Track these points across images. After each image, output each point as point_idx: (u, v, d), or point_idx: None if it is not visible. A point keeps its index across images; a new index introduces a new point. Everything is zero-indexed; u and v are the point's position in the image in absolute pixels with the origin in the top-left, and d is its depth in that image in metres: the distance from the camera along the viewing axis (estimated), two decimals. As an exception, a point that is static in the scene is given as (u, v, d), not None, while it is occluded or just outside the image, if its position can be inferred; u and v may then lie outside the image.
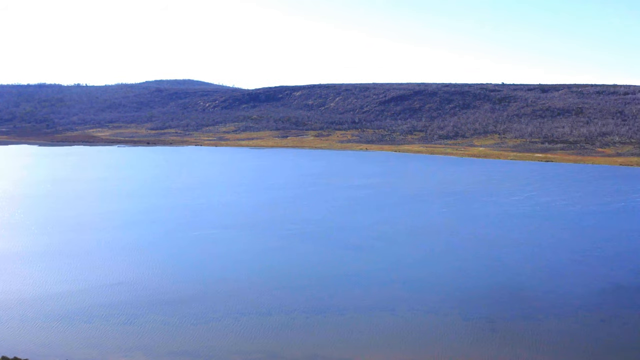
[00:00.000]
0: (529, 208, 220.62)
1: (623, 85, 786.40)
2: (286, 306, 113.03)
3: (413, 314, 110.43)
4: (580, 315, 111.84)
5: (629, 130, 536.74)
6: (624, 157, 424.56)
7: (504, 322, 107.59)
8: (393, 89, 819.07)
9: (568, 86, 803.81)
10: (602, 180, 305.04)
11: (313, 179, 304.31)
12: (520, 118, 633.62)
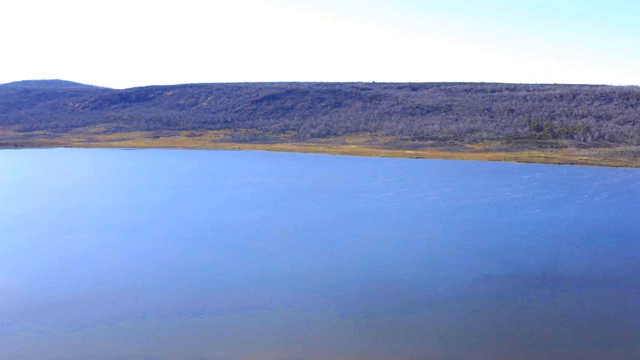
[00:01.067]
0: (401, 204, 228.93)
1: (490, 83, 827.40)
2: (162, 309, 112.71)
3: (290, 313, 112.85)
4: (454, 306, 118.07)
5: (497, 127, 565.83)
6: (492, 153, 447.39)
7: (380, 316, 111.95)
8: (265, 88, 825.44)
9: (437, 84, 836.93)
10: (471, 175, 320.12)
11: (186, 179, 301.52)
12: (390, 116, 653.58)
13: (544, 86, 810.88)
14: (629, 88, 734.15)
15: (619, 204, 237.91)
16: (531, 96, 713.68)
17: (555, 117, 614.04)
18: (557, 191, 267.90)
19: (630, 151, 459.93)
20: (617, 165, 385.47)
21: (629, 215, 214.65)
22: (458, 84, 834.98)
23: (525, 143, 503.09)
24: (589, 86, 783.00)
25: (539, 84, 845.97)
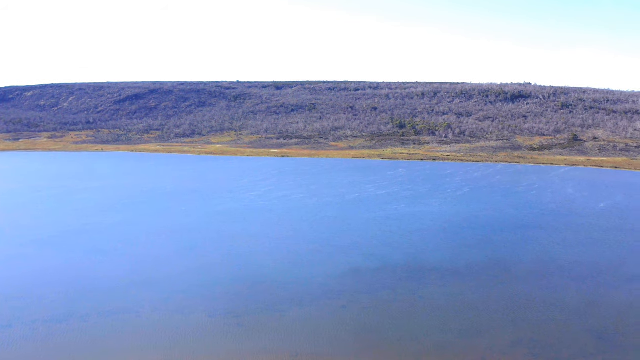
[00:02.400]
0: (268, 202, 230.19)
1: (354, 82, 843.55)
2: (25, 317, 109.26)
3: (159, 315, 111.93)
4: (322, 302, 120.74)
5: (360, 124, 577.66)
6: (356, 150, 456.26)
7: (250, 315, 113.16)
8: (128, 87, 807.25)
9: (301, 83, 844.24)
10: (336, 173, 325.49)
11: (48, 182, 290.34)
12: (255, 115, 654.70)
13: (406, 84, 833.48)
14: (488, 86, 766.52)
15: (480, 197, 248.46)
16: (394, 94, 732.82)
17: (417, 114, 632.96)
18: (421, 186, 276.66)
19: (490, 147, 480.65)
20: (478, 160, 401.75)
21: (490, 208, 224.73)
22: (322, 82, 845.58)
23: (389, 140, 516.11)
24: (450, 84, 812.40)
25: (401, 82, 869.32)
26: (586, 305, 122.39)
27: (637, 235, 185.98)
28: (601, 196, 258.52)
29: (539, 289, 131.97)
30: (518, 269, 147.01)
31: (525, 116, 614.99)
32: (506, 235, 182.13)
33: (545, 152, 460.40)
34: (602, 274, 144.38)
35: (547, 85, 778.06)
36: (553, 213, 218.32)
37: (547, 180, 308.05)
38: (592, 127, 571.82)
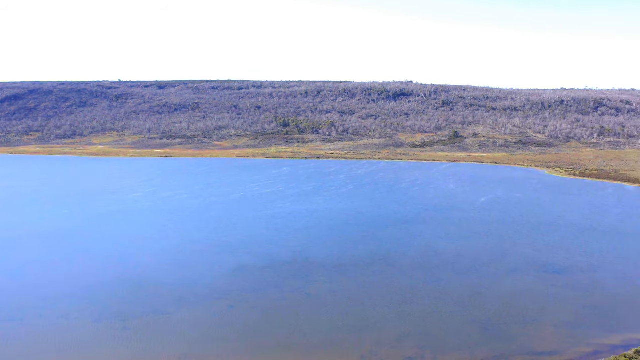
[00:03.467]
0: (152, 203, 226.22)
1: (237, 81, 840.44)
2: None
3: (43, 322, 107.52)
4: (210, 303, 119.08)
5: (244, 124, 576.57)
6: (240, 149, 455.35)
7: (136, 318, 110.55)
8: (7, 88, 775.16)
9: (184, 82, 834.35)
10: (221, 172, 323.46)
11: None
12: (138, 115, 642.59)
13: (290, 83, 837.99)
14: (371, 84, 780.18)
15: (364, 194, 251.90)
16: (277, 93, 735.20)
17: (301, 113, 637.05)
18: (305, 184, 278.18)
19: (373, 144, 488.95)
20: (361, 158, 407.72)
21: (375, 204, 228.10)
22: (205, 82, 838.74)
23: (273, 139, 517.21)
24: (333, 83, 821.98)
25: (284, 81, 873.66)
26: (470, 296, 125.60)
27: (518, 228, 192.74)
28: (482, 191, 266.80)
29: (423, 282, 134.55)
30: (403, 263, 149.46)
31: (407, 114, 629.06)
32: (391, 231, 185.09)
33: (427, 148, 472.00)
34: (484, 266, 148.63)
35: (428, 84, 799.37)
36: (436, 208, 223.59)
37: (430, 176, 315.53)
38: (472, 124, 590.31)
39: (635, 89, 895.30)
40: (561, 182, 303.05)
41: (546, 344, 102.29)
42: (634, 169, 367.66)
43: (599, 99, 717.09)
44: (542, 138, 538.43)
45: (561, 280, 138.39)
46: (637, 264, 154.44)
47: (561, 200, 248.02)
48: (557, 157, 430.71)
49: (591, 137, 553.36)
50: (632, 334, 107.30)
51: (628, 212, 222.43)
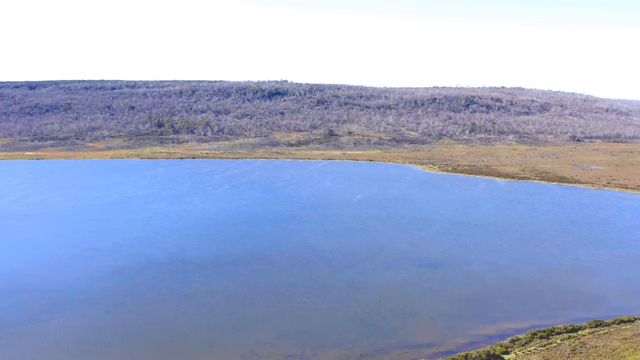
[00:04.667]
0: (25, 207, 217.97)
1: (110, 81, 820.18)
2: None
3: None
4: (86, 307, 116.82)
5: (118, 124, 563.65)
6: (114, 151, 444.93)
7: (8, 327, 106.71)
8: None
9: (56, 82, 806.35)
10: (95, 174, 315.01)
11: None
12: (8, 116, 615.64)
13: (164, 82, 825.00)
14: (246, 83, 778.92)
15: (241, 193, 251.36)
16: (151, 93, 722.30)
17: (176, 112, 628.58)
18: (182, 185, 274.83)
19: (249, 143, 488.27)
20: (237, 157, 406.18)
21: (252, 204, 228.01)
22: (77, 81, 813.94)
23: (147, 139, 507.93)
24: (208, 82, 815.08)
25: (158, 80, 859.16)
26: (348, 292, 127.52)
27: (393, 223, 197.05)
28: (358, 188, 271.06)
29: (302, 279, 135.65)
30: (281, 261, 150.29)
31: (282, 113, 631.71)
32: (268, 229, 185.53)
33: (302, 147, 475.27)
34: (362, 261, 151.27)
35: (303, 83, 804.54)
36: (313, 206, 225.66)
37: (306, 174, 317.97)
38: (347, 122, 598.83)
39: (505, 87, 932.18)
40: (434, 178, 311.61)
41: (424, 336, 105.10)
42: (505, 164, 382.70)
43: (470, 97, 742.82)
44: (415, 135, 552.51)
45: (437, 273, 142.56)
46: (509, 255, 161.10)
47: (435, 195, 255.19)
48: (430, 154, 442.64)
49: (463, 134, 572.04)
50: (506, 323, 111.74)
51: (499, 206, 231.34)
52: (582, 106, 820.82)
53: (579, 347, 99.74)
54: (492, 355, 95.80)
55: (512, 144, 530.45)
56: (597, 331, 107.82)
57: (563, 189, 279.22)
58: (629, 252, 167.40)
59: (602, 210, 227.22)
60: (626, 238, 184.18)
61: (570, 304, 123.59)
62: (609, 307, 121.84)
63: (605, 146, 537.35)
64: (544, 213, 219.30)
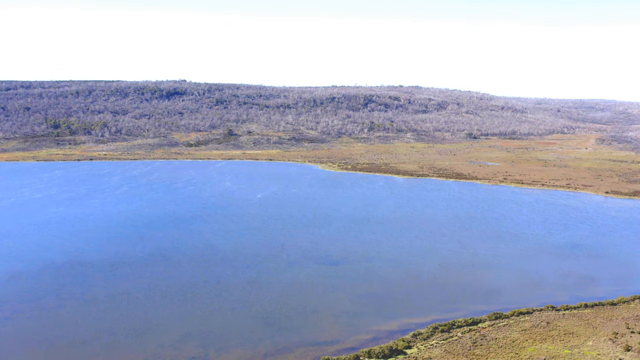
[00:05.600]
0: None
1: (5, 81, 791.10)
2: None
3: None
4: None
5: (12, 126, 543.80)
6: (9, 153, 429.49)
7: None
8: None
9: None
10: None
11: None
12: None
13: (60, 83, 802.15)
14: (144, 83, 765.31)
15: (141, 195, 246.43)
16: (47, 93, 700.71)
17: (72, 113, 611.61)
18: (80, 187, 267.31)
19: (148, 144, 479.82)
20: (136, 158, 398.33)
21: (151, 205, 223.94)
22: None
23: (43, 141, 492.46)
24: (105, 82, 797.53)
25: (54, 80, 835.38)
26: (251, 292, 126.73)
27: (295, 222, 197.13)
28: (258, 187, 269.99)
29: (204, 280, 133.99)
30: (182, 262, 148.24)
31: (181, 113, 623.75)
32: (169, 230, 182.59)
33: (202, 147, 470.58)
34: (264, 260, 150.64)
35: (201, 82, 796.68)
36: (213, 206, 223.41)
37: (206, 175, 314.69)
38: (246, 121, 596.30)
39: (402, 86, 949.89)
40: (334, 176, 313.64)
41: (327, 333, 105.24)
42: (403, 161, 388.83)
43: (369, 96, 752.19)
44: (315, 134, 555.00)
45: (339, 271, 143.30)
46: (409, 251, 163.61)
47: (335, 193, 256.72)
48: (330, 153, 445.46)
49: (362, 132, 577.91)
50: (408, 318, 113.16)
51: (399, 203, 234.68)
52: (478, 104, 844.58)
53: (480, 340, 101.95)
54: (394, 350, 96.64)
55: (411, 142, 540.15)
56: (497, 323, 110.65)
57: (461, 185, 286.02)
58: (526, 245, 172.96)
59: (499, 205, 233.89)
60: (523, 232, 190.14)
61: (470, 298, 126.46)
62: (507, 299, 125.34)
63: (501, 143, 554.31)
64: (442, 209, 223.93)
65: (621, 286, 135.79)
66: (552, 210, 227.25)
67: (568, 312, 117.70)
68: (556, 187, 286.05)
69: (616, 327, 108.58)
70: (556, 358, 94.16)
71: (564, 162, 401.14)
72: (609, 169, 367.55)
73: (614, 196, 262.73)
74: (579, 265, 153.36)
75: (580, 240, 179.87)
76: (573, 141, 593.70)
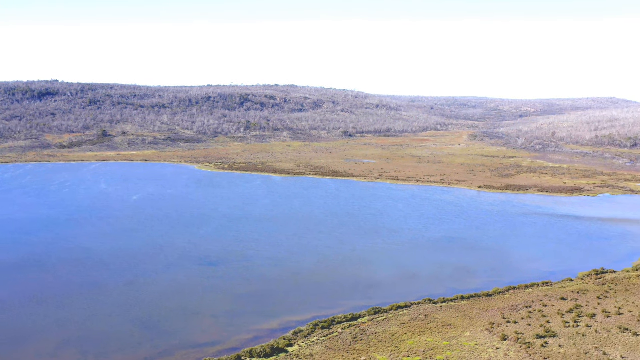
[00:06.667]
0: None
1: None
2: None
3: None
4: None
5: None
6: None
7: None
8: None
9: None
10: None
11: None
12: None
13: None
14: (15, 84, 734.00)
15: (12, 199, 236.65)
16: None
17: None
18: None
19: (19, 146, 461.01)
20: (7, 161, 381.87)
21: (24, 209, 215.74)
22: None
23: None
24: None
25: None
26: (129, 295, 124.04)
27: (173, 223, 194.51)
28: (134, 189, 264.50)
29: (80, 285, 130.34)
30: (57, 266, 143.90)
31: (53, 114, 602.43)
32: (43, 235, 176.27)
33: (75, 149, 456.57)
34: (142, 263, 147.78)
35: (74, 82, 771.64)
36: (89, 208, 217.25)
37: (80, 177, 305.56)
38: (120, 122, 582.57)
39: (278, 85, 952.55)
40: (211, 176, 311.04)
41: (208, 335, 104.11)
42: (280, 160, 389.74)
43: (245, 95, 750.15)
44: (191, 134, 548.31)
45: (218, 271, 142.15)
46: (288, 248, 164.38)
47: (213, 193, 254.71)
48: (206, 152, 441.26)
49: (238, 132, 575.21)
50: (289, 316, 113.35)
51: (277, 201, 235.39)
52: (353, 102, 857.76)
53: (360, 335, 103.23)
54: (276, 348, 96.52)
55: (287, 141, 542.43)
56: (376, 318, 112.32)
57: (338, 183, 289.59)
58: (404, 240, 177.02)
59: (376, 202, 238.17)
60: (400, 227, 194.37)
61: (350, 294, 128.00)
62: (386, 294, 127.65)
63: (377, 140, 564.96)
64: (320, 206, 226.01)
65: (496, 277, 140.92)
66: (428, 205, 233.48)
67: (445, 304, 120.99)
68: (431, 182, 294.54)
69: (492, 318, 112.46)
70: (435, 350, 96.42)
71: (437, 158, 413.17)
72: (482, 164, 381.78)
73: (487, 190, 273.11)
74: (455, 258, 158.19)
75: (456, 234, 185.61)
76: (446, 137, 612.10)
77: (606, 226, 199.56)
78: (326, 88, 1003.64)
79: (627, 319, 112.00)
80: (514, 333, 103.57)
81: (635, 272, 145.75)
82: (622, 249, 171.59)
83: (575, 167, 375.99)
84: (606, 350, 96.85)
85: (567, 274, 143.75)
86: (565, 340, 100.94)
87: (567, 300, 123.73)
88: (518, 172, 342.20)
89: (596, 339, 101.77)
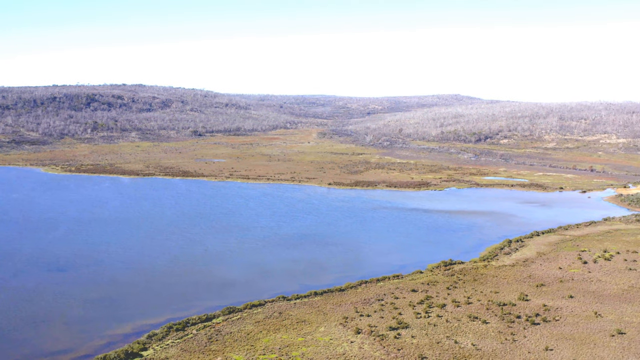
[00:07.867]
0: None
1: None
2: None
3: None
4: None
5: None
6: None
7: None
8: None
9: None
10: None
11: None
12: None
13: None
14: None
15: None
16: None
17: None
18: None
19: None
20: None
21: None
22: None
23: None
24: None
25: None
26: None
27: (20, 228, 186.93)
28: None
29: None
30: None
31: None
32: None
33: None
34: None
35: None
36: None
37: None
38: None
39: (126, 84, 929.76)
40: (58, 179, 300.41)
41: (59, 342, 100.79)
42: (129, 161, 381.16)
43: (92, 95, 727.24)
44: (36, 136, 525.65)
45: (68, 276, 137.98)
46: (140, 250, 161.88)
47: (60, 196, 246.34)
48: (53, 155, 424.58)
49: (85, 133, 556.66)
50: (142, 320, 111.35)
51: (126, 203, 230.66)
52: (202, 101, 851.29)
53: (215, 335, 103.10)
54: (130, 353, 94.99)
55: (136, 141, 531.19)
56: (231, 317, 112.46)
57: (188, 183, 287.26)
58: (256, 238, 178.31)
59: (227, 201, 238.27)
60: (252, 225, 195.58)
61: (204, 294, 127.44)
62: (240, 293, 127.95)
63: (227, 139, 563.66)
64: (171, 207, 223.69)
65: (348, 272, 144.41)
66: (279, 203, 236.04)
67: (299, 301, 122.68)
68: (281, 180, 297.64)
69: (346, 312, 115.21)
70: (290, 347, 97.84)
71: (288, 157, 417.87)
72: (331, 161, 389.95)
73: (337, 187, 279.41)
74: (307, 254, 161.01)
75: (308, 230, 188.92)
76: (296, 136, 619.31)
77: (453, 219, 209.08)
78: (175, 87, 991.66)
79: (476, 308, 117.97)
80: (367, 326, 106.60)
81: (482, 263, 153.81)
82: (469, 240, 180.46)
83: (422, 162, 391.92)
84: (457, 338, 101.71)
85: (417, 266, 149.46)
86: (417, 330, 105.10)
87: (418, 292, 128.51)
88: (367, 168, 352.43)
89: (447, 328, 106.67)
